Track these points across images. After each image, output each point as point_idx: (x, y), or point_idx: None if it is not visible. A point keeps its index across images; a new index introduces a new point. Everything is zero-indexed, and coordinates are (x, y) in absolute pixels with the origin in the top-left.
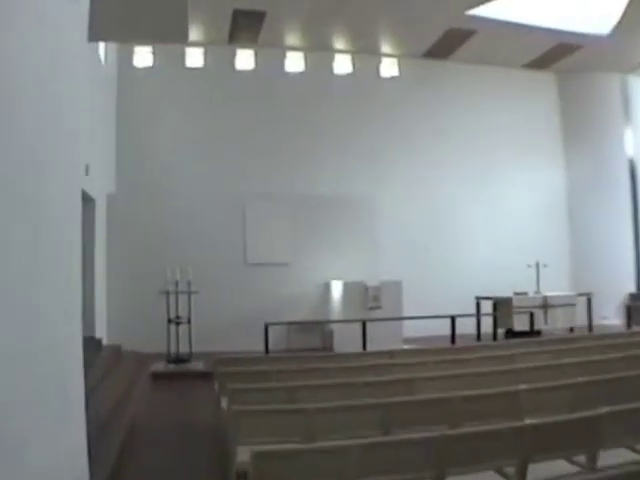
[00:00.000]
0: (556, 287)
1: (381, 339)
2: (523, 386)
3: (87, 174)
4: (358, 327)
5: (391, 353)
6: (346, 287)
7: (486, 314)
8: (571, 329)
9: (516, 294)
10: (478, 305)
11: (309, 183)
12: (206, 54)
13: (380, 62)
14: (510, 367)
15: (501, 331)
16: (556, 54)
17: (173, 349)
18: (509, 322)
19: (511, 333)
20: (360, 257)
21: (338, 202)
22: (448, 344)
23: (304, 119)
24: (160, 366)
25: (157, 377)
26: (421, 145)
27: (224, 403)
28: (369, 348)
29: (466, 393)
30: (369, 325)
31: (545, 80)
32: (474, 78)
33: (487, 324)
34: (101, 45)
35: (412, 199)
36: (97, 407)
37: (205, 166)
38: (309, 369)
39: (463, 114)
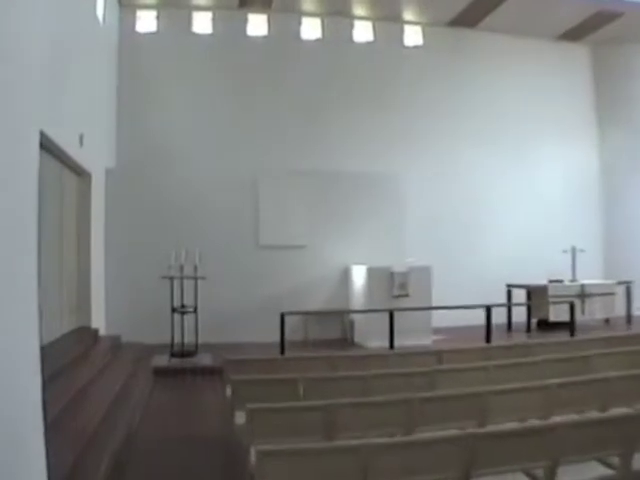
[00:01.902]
0: (588, 274)
1: (408, 330)
2: None
3: (81, 145)
4: (381, 317)
5: (438, 354)
6: (370, 273)
7: (518, 304)
8: (607, 320)
9: (551, 282)
10: (509, 293)
11: (327, 158)
12: (215, 19)
13: (403, 30)
14: (593, 377)
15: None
16: (593, 24)
17: (177, 340)
18: (544, 312)
19: (545, 324)
20: (383, 240)
21: (359, 179)
22: (481, 335)
23: (321, 90)
24: (163, 360)
25: (159, 373)
26: (447, 119)
27: (239, 419)
28: (395, 340)
29: (571, 419)
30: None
31: (578, 53)
32: (503, 49)
33: (516, 313)
34: (99, 3)
35: (438, 177)
36: (86, 414)
37: (214, 140)
38: (343, 377)
39: (491, 88)
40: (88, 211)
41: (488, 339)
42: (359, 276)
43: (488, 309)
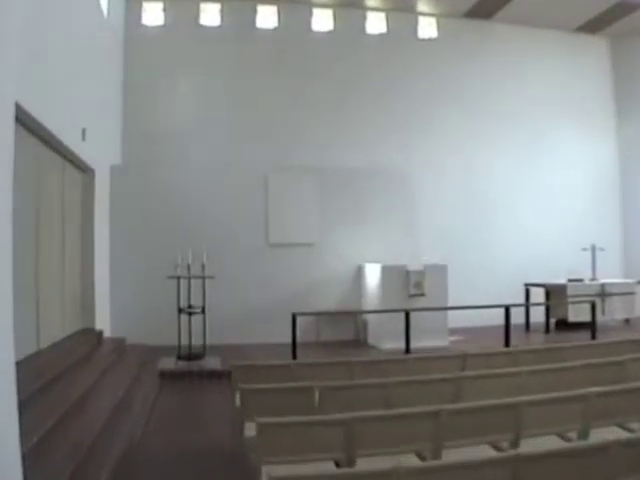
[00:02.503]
0: (608, 273)
1: (424, 331)
2: None
3: (84, 139)
4: (396, 317)
5: (461, 358)
6: (384, 271)
7: (537, 304)
8: (627, 320)
9: (570, 281)
10: (527, 292)
11: (339, 153)
12: (223, 11)
13: (417, 22)
14: (633, 385)
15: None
16: (613, 15)
17: (184, 341)
18: (563, 312)
19: (564, 324)
20: (397, 238)
21: (372, 175)
22: (498, 336)
23: (333, 83)
24: (169, 363)
25: (165, 376)
26: (461, 114)
27: (249, 430)
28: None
29: (623, 437)
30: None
31: (596, 45)
32: (519, 41)
33: (533, 313)
34: None
35: (453, 173)
36: (85, 422)
37: (222, 135)
38: (362, 385)
39: (506, 81)
40: (91, 207)
41: (507, 340)
42: (373, 275)
43: (507, 309)
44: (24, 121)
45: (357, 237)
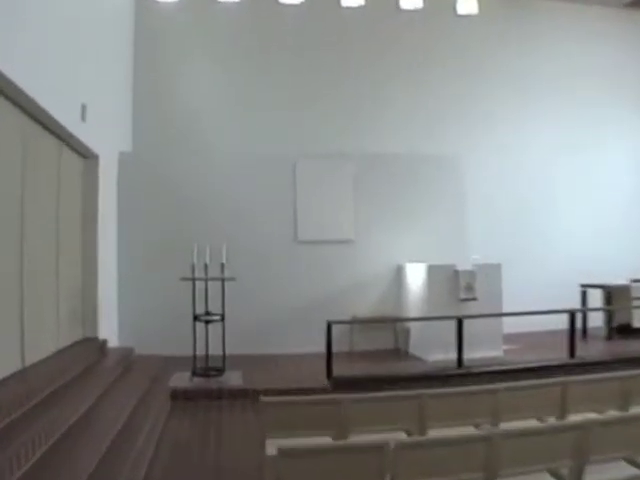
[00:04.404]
0: None
1: (474, 340)
2: None
3: (83, 119)
4: (441, 325)
5: (562, 386)
6: (431, 272)
7: (601, 308)
8: None
9: (634, 281)
10: (584, 295)
11: (376, 138)
12: None
13: None
14: None
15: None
16: None
17: (201, 352)
18: (626, 316)
19: (626, 330)
20: (443, 234)
21: (414, 162)
22: (556, 344)
23: (365, 62)
24: (183, 380)
25: (178, 397)
26: (506, 96)
27: None
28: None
29: None
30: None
31: None
32: (564, 19)
33: (590, 318)
34: None
35: (504, 162)
36: (79, 456)
37: (244, 120)
38: (449, 441)
39: (554, 63)
40: (94, 199)
41: (572, 351)
42: (416, 276)
43: (572, 315)
44: (6, 91)
45: (397, 233)
